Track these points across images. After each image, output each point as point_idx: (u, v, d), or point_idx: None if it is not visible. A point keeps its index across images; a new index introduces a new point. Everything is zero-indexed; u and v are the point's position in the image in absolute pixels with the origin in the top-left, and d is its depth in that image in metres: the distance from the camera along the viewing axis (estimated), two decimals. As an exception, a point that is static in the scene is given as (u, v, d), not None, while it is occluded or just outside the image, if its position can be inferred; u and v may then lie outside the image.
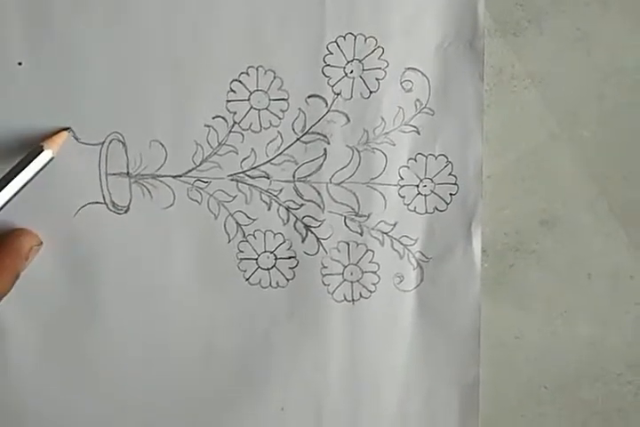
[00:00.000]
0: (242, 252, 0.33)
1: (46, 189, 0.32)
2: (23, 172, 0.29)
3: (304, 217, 0.33)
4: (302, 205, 0.33)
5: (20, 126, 0.32)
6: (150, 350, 0.33)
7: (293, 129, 0.33)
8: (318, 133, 0.33)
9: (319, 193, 0.33)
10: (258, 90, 0.32)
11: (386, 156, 0.33)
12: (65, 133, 0.31)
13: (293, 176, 0.33)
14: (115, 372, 0.33)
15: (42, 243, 0.32)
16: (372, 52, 0.32)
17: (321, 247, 0.33)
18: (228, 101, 0.32)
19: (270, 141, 0.33)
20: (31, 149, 0.30)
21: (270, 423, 0.34)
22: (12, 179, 0.29)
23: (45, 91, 0.32)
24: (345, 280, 0.34)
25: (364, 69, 0.33)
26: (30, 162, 0.30)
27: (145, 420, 0.33)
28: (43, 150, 0.30)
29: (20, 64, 0.32)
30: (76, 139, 0.32)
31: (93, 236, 0.32)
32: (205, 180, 0.33)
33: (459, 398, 0.34)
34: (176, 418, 0.33)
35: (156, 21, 0.32)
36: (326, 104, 0.33)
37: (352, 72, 0.33)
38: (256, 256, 0.33)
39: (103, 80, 0.32)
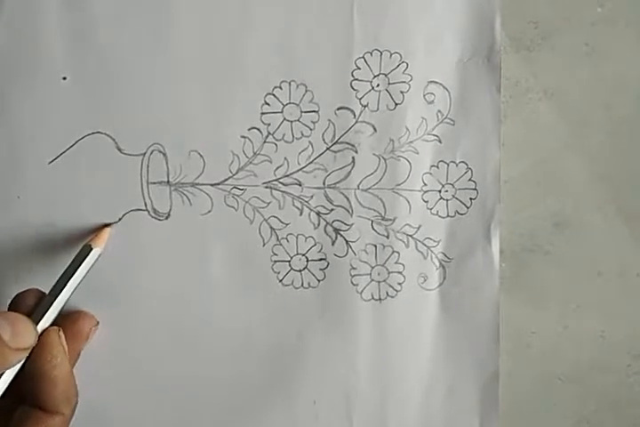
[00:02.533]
0: (275, 254, 0.35)
1: (91, 195, 0.34)
2: (78, 271, 0.31)
3: (334, 221, 0.35)
4: (332, 210, 0.35)
5: (65, 140, 0.33)
6: (189, 349, 0.34)
7: (323, 139, 0.35)
8: (347, 143, 0.35)
9: (348, 199, 0.35)
10: (290, 103, 0.34)
11: (410, 163, 0.35)
12: (108, 230, 0.33)
13: (324, 183, 0.35)
14: (154, 370, 0.34)
15: (98, 323, 0.34)
16: (397, 66, 0.34)
17: (350, 249, 0.35)
18: (263, 114, 0.34)
19: (302, 151, 0.35)
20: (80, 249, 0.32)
21: (303, 416, 0.35)
22: (68, 280, 0.31)
23: (89, 104, 0.33)
24: (372, 280, 0.35)
25: (389, 83, 0.35)
26: (82, 261, 0.32)
27: (182, 415, 0.35)
28: (92, 249, 0.32)
29: (64, 79, 0.33)
30: (120, 150, 0.34)
31: (136, 240, 0.34)
32: (241, 187, 0.34)
33: (480, 391, 0.36)
34: (213, 413, 0.35)
35: (195, 38, 0.33)
36: (354, 115, 0.35)
37: (378, 86, 0.35)
38: (289, 258, 0.35)
39: (144, 94, 0.33)
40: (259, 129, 0.34)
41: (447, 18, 0.34)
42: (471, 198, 0.35)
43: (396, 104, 0.35)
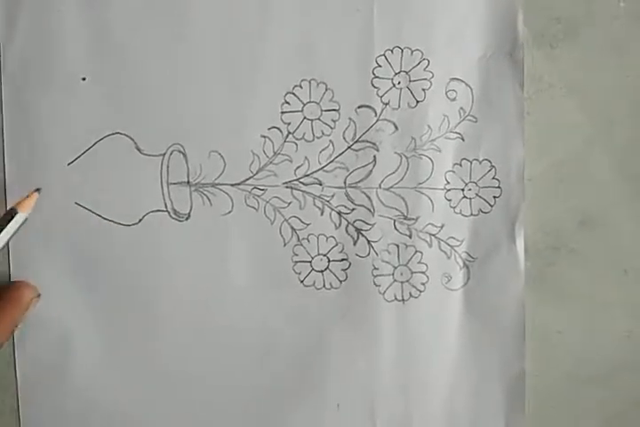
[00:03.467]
0: (296, 255, 0.35)
1: (111, 195, 0.33)
2: (1, 234, 0.31)
3: (355, 221, 0.35)
4: (353, 209, 0.35)
5: (84, 141, 0.33)
6: (211, 350, 0.34)
7: (344, 138, 0.34)
8: (368, 141, 0.34)
9: (369, 198, 0.35)
10: (311, 101, 0.34)
11: (432, 161, 0.35)
12: (36, 195, 0.32)
13: (345, 182, 0.35)
14: (177, 371, 0.34)
15: (40, 295, 0.33)
16: (418, 64, 0.34)
17: (372, 250, 0.35)
18: (283, 113, 0.34)
19: (322, 150, 0.34)
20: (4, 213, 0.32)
21: (327, 420, 0.35)
22: None
23: (108, 105, 0.33)
24: (395, 281, 0.35)
25: (410, 80, 0.34)
26: (6, 225, 0.31)
27: (207, 416, 0.35)
28: (17, 213, 0.31)
29: (83, 79, 0.33)
30: (139, 150, 0.33)
31: (157, 241, 0.34)
32: (262, 187, 0.34)
33: (505, 390, 0.35)
34: (235, 416, 0.35)
35: (214, 38, 0.33)
36: (375, 114, 0.34)
37: (399, 83, 0.34)
38: (310, 259, 0.35)
39: (164, 94, 0.33)
40: (279, 128, 0.34)
41: (469, 14, 0.34)
42: (495, 197, 0.35)
43: (418, 102, 0.34)
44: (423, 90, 0.34)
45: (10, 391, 0.34)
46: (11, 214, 0.31)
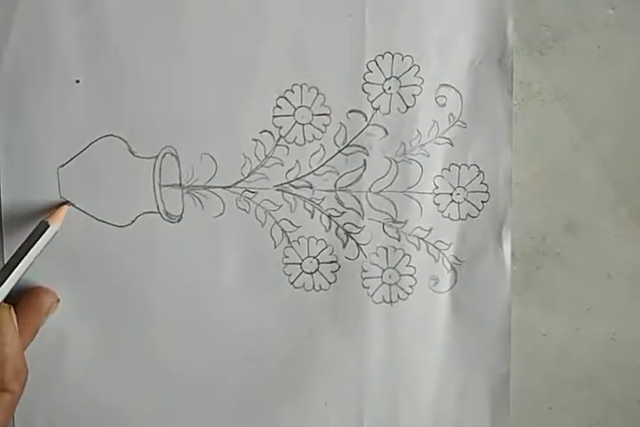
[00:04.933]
0: (287, 257, 0.35)
1: (104, 197, 0.34)
2: (33, 248, 0.31)
3: (345, 224, 0.35)
4: (343, 212, 0.35)
5: (77, 143, 0.34)
6: (202, 351, 0.35)
7: (335, 142, 0.35)
8: (358, 146, 0.35)
9: (359, 201, 0.35)
10: (302, 106, 0.34)
11: (422, 166, 0.35)
12: (65, 207, 0.33)
13: (335, 186, 0.35)
14: (168, 371, 0.35)
15: (59, 300, 0.34)
16: (409, 69, 0.34)
17: (361, 252, 0.35)
18: (275, 117, 0.34)
19: (313, 154, 0.35)
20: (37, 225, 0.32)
21: (314, 417, 0.36)
22: (24, 256, 0.31)
23: (102, 107, 0.33)
24: (384, 283, 0.35)
25: (401, 86, 0.35)
26: (39, 238, 0.31)
27: (198, 415, 0.35)
28: (49, 226, 0.32)
29: (77, 82, 0.33)
30: (132, 153, 0.34)
31: (149, 242, 0.34)
32: (253, 190, 0.35)
33: (491, 392, 0.36)
34: (225, 414, 0.35)
35: (207, 41, 0.34)
36: (366, 118, 0.35)
37: (390, 88, 0.35)
38: (300, 261, 0.35)
39: (156, 97, 0.34)
40: (270, 132, 0.34)
41: (459, 20, 0.34)
42: (483, 201, 0.35)
43: (408, 107, 0.35)
44: (413, 95, 0.35)
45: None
46: (43, 228, 0.32)
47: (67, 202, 0.33)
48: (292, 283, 0.35)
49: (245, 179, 0.34)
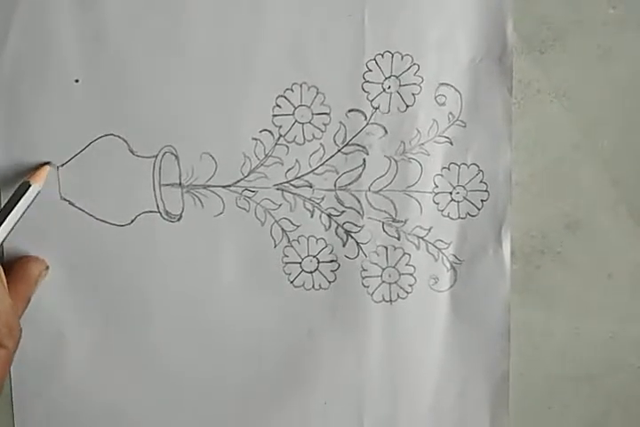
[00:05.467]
0: (287, 256, 0.35)
1: (104, 197, 0.34)
2: (15, 208, 0.31)
3: (345, 223, 0.35)
4: (343, 211, 0.35)
5: (77, 142, 0.34)
6: (202, 350, 0.35)
7: (335, 141, 0.35)
8: (358, 145, 0.35)
9: (359, 200, 0.35)
10: (302, 105, 0.34)
11: (421, 165, 0.35)
12: (47, 167, 0.33)
13: (335, 185, 0.35)
14: (168, 370, 0.35)
15: (48, 267, 0.34)
16: (409, 68, 0.34)
17: (361, 251, 0.35)
18: (274, 116, 0.34)
19: (313, 153, 0.35)
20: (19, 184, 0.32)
21: (314, 417, 0.36)
22: (8, 214, 0.31)
23: (101, 106, 0.34)
24: (383, 282, 0.35)
25: (400, 85, 0.35)
26: (20, 198, 0.31)
27: (197, 414, 0.35)
28: (30, 186, 0.32)
29: (76, 81, 0.33)
30: (132, 152, 0.34)
31: (149, 242, 0.34)
32: (253, 189, 0.35)
33: (490, 391, 0.36)
34: (225, 413, 0.35)
35: (207, 41, 0.34)
36: (365, 117, 0.35)
37: (389, 87, 0.35)
38: (300, 260, 0.35)
39: (156, 96, 0.34)
40: (270, 131, 0.34)
41: (459, 19, 0.34)
42: (482, 200, 0.35)
43: (407, 106, 0.35)
44: (413, 94, 0.35)
45: (4, 389, 0.34)
46: (25, 187, 0.31)
47: (48, 162, 0.33)
48: (291, 282, 0.35)
49: (245, 178, 0.34)
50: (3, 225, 0.30)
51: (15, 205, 0.31)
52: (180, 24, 0.33)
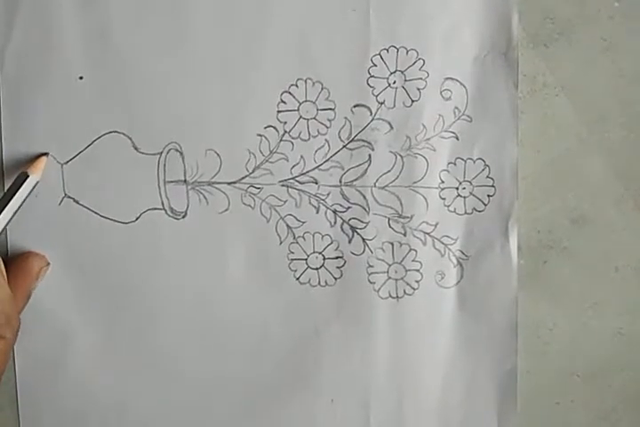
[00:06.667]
0: (292, 253, 0.35)
1: (108, 194, 0.34)
2: (13, 199, 0.31)
3: (350, 219, 0.35)
4: (349, 208, 0.35)
5: (81, 140, 0.34)
6: (207, 347, 0.35)
7: (340, 137, 0.35)
8: (363, 140, 0.35)
9: (364, 196, 0.35)
10: (307, 101, 0.34)
11: (427, 160, 0.35)
12: (45, 158, 0.33)
13: (340, 181, 0.35)
14: (173, 367, 0.35)
15: (49, 264, 0.34)
16: (414, 63, 0.34)
17: (367, 247, 0.35)
18: (279, 112, 0.34)
19: (318, 149, 0.35)
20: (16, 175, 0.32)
21: (321, 414, 0.36)
22: (5, 205, 0.31)
23: (105, 103, 0.33)
24: (390, 278, 0.35)
25: (405, 80, 0.34)
26: (18, 188, 0.31)
27: (203, 411, 0.35)
28: (28, 177, 0.31)
29: (80, 78, 0.33)
30: (136, 149, 0.34)
31: (154, 239, 0.34)
32: (258, 186, 0.34)
33: (497, 386, 0.36)
34: (231, 411, 0.35)
35: (211, 37, 0.33)
36: (371, 113, 0.34)
37: (395, 83, 0.34)
38: (305, 257, 0.35)
39: (160, 92, 0.33)
40: (275, 127, 0.34)
41: (464, 14, 0.34)
42: (489, 195, 0.35)
43: (413, 101, 0.34)
44: (418, 89, 0.34)
45: (9, 386, 0.34)
46: (22, 178, 0.31)
47: (46, 153, 0.33)
48: (297, 279, 0.35)
49: (250, 174, 0.34)
50: (1, 216, 0.30)
51: (13, 196, 0.31)
52: (183, 20, 0.33)
